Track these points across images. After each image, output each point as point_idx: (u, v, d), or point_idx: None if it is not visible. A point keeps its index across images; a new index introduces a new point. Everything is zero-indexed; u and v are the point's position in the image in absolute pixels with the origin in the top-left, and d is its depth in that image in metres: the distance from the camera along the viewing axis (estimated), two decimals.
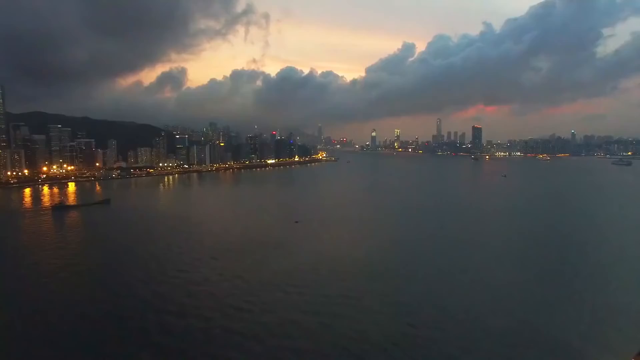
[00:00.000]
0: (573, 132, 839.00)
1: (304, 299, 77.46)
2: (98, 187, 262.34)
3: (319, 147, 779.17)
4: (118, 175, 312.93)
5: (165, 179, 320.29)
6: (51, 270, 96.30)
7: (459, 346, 59.78)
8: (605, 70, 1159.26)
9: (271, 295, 79.06)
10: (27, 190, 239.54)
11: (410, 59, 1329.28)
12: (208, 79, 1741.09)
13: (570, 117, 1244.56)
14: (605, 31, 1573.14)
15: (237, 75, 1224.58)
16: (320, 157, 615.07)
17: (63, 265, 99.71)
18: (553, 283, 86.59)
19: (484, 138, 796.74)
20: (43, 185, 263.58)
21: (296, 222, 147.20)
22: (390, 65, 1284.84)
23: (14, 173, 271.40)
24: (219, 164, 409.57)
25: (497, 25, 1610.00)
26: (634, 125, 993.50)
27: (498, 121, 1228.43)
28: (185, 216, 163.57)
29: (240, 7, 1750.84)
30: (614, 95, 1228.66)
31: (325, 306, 74.17)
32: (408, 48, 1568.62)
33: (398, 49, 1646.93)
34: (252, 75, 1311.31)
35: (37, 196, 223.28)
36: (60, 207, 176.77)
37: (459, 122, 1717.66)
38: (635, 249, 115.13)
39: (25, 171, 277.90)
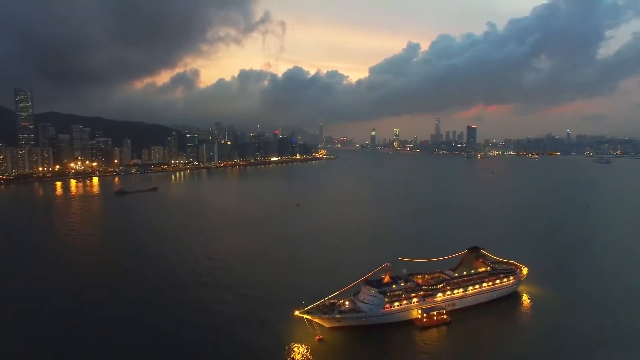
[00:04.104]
0: (568, 132, 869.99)
1: (307, 249, 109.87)
2: (117, 180, 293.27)
3: (319, 145, 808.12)
4: (136, 171, 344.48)
5: (178, 174, 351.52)
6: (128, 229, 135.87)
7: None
8: (605, 70, 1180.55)
9: (279, 250, 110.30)
10: (59, 183, 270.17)
11: (415, 59, 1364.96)
12: (217, 80, 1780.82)
13: (569, 117, 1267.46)
14: (608, 33, 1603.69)
15: (244, 76, 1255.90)
16: (321, 155, 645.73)
17: (133, 227, 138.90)
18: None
19: (483, 137, 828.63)
20: (71, 179, 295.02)
21: (298, 205, 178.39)
22: (395, 65, 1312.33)
23: (44, 168, 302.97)
24: (226, 161, 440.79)
25: (501, 24, 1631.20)
26: (633, 125, 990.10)
27: (499, 121, 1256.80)
28: (208, 200, 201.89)
29: (258, 15, 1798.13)
30: (612, 96, 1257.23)
31: (322, 252, 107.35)
32: (412, 48, 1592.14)
33: (402, 49, 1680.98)
34: (260, 75, 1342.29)
35: (79, 187, 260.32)
36: (121, 193, 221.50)
37: (460, 121, 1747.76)
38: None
39: (57, 167, 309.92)
